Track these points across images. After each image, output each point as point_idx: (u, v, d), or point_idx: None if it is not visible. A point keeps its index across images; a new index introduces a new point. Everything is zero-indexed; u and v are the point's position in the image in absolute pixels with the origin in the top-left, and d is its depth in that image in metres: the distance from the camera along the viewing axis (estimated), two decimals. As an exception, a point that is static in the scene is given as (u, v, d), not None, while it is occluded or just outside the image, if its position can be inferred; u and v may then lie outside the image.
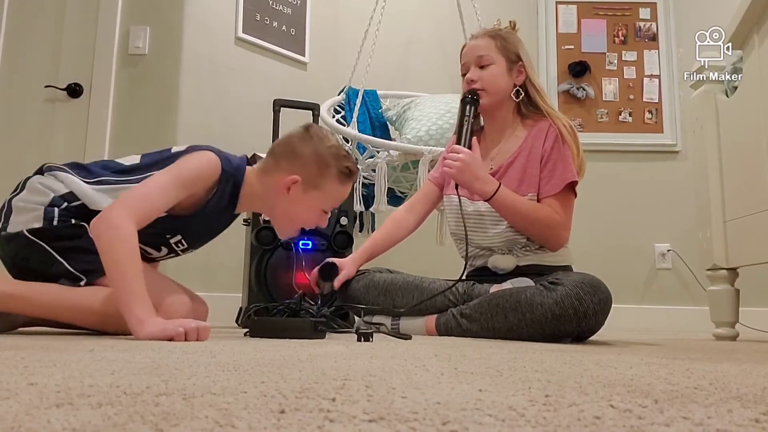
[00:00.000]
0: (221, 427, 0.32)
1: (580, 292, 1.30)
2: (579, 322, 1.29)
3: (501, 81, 1.58)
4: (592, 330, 1.36)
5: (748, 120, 1.77)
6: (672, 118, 3.18)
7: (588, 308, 1.28)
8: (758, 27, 1.73)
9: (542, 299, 1.32)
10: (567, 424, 0.35)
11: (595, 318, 1.30)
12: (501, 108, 1.60)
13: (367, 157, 2.30)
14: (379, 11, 2.52)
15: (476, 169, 1.47)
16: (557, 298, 1.30)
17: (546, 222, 1.46)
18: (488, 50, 1.59)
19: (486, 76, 1.57)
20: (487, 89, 1.57)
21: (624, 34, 3.28)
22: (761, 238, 1.68)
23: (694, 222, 2.07)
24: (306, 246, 2.03)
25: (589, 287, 1.31)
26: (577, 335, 1.37)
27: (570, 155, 1.50)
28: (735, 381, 0.59)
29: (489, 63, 1.58)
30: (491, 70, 1.58)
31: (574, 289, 1.31)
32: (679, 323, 2.96)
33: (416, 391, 0.46)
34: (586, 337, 1.43)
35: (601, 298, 1.31)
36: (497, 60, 1.58)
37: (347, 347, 0.96)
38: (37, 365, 0.59)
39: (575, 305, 1.29)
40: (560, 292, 1.31)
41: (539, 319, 1.31)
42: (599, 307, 1.30)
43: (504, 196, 1.46)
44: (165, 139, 2.58)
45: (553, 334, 1.32)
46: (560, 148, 1.50)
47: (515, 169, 1.54)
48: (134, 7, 2.63)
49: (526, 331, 1.34)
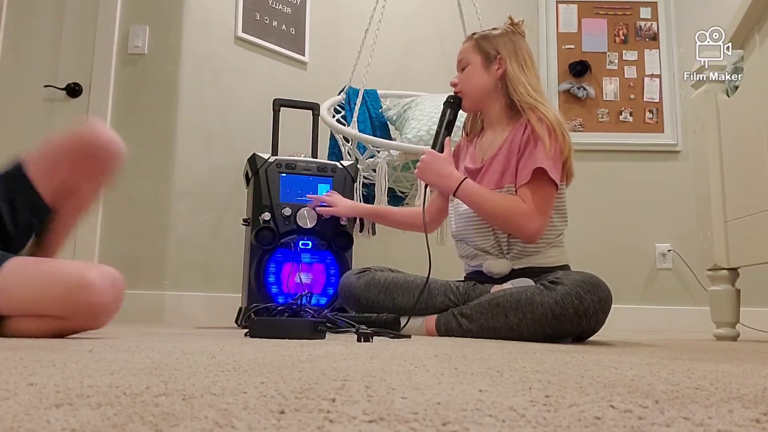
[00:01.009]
0: (221, 427, 0.32)
1: (581, 291, 1.29)
2: (579, 321, 1.29)
3: (476, 79, 1.60)
4: (593, 329, 1.36)
5: (749, 120, 1.77)
6: (673, 117, 3.18)
7: (588, 307, 1.28)
8: (759, 27, 1.72)
9: (542, 299, 1.32)
10: (567, 425, 0.34)
11: (596, 317, 1.30)
12: (487, 104, 1.62)
13: (368, 157, 2.30)
14: (379, 11, 2.52)
15: (438, 167, 1.53)
16: (557, 297, 1.30)
17: (512, 211, 1.44)
18: (466, 52, 1.64)
19: (463, 78, 1.63)
20: (464, 90, 1.62)
21: (625, 34, 3.27)
22: (762, 238, 1.68)
23: (694, 222, 2.07)
24: (306, 246, 2.03)
25: (590, 286, 1.31)
26: (578, 335, 1.37)
27: (542, 145, 1.44)
28: (736, 381, 0.59)
29: (466, 65, 1.63)
30: (467, 71, 1.62)
31: (575, 288, 1.30)
32: (679, 323, 2.96)
33: (416, 391, 0.46)
34: (587, 336, 1.43)
35: (602, 297, 1.31)
36: (473, 59, 1.62)
37: (347, 347, 0.96)
38: (36, 365, 0.59)
39: (576, 304, 1.28)
40: (560, 292, 1.31)
41: (539, 318, 1.31)
42: (600, 306, 1.30)
43: (467, 189, 1.49)
44: (164, 138, 2.59)
45: (554, 333, 1.32)
46: (534, 141, 1.47)
47: (498, 161, 1.55)
48: (134, 6, 2.63)
49: (527, 330, 1.34)
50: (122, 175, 2.54)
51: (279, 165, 2.07)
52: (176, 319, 2.46)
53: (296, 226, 2.00)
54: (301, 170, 2.09)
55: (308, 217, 2.01)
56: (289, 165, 2.08)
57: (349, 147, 2.36)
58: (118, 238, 2.47)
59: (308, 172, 2.09)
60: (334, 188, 2.10)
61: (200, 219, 2.61)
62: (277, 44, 2.90)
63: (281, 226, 2.00)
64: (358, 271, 1.65)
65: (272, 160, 2.07)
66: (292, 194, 2.05)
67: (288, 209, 2.00)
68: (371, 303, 1.56)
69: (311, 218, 2.01)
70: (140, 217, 2.52)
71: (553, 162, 1.44)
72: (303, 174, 2.09)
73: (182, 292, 2.52)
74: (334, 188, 2.10)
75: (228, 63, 2.75)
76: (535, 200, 1.43)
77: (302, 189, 2.07)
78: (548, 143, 1.44)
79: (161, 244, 2.52)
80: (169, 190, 2.56)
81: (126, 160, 1.42)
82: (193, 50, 2.67)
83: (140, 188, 2.54)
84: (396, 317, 1.46)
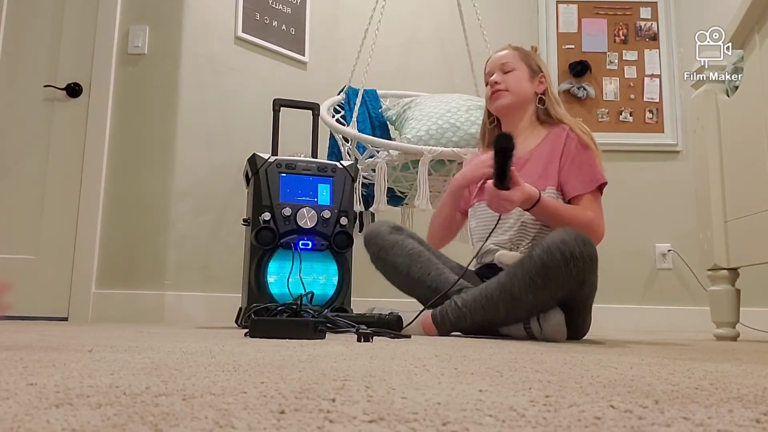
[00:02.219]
0: (221, 427, 0.32)
1: (564, 237, 1.35)
2: (567, 264, 1.32)
3: (523, 84, 1.70)
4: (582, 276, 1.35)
5: (749, 120, 1.77)
6: (673, 117, 3.18)
7: (574, 249, 1.32)
8: (759, 27, 1.72)
9: (530, 252, 1.39)
10: (567, 425, 0.34)
11: (582, 260, 1.33)
12: (520, 110, 1.71)
13: (367, 157, 2.30)
14: (378, 11, 2.52)
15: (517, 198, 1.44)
16: (543, 246, 1.36)
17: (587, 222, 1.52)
18: (511, 58, 1.73)
19: (509, 78, 1.71)
20: (510, 89, 1.69)
21: (625, 34, 3.27)
22: (762, 238, 1.68)
23: (694, 222, 2.07)
24: (306, 246, 2.03)
25: (572, 233, 1.36)
26: (571, 290, 1.37)
27: (595, 157, 1.60)
28: (736, 381, 0.59)
29: (512, 69, 1.71)
30: (514, 74, 1.71)
31: (558, 236, 1.36)
32: (679, 323, 2.96)
33: (416, 391, 0.46)
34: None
35: (586, 241, 1.35)
36: (519, 67, 1.72)
37: (347, 347, 0.96)
38: (36, 365, 0.59)
39: (561, 248, 1.33)
40: (546, 241, 1.37)
41: (528, 270, 1.36)
42: (585, 249, 1.33)
43: (545, 204, 1.49)
44: (164, 138, 2.59)
45: (545, 285, 1.35)
46: (585, 150, 1.59)
47: (533, 164, 1.62)
48: (134, 6, 2.63)
49: (518, 287, 1.37)
50: (122, 175, 2.56)
51: (279, 165, 2.07)
52: (176, 319, 2.46)
53: (296, 226, 2.00)
54: (301, 170, 2.09)
55: (308, 217, 2.01)
56: (289, 165, 2.08)
57: (348, 147, 2.36)
58: (118, 238, 2.48)
59: (308, 172, 2.09)
60: (333, 188, 2.10)
61: (200, 219, 2.61)
62: (277, 44, 2.90)
63: (281, 226, 1.99)
64: (392, 226, 1.66)
65: (272, 160, 2.07)
66: (292, 194, 2.05)
67: (288, 209, 2.00)
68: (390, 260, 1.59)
69: (311, 218, 2.01)
70: (140, 217, 2.52)
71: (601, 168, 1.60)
72: (303, 174, 2.09)
73: (182, 292, 2.52)
74: (333, 188, 2.10)
75: (228, 63, 2.75)
76: (597, 208, 1.57)
77: (302, 189, 2.07)
78: (598, 156, 1.60)
79: (161, 244, 2.52)
80: (169, 190, 2.56)
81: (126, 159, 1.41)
82: (193, 50, 2.67)
83: (140, 188, 2.54)
84: (398, 317, 1.46)
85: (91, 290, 2.41)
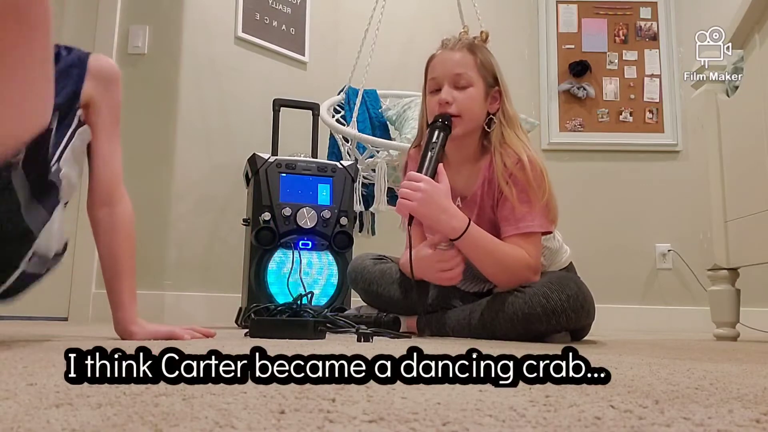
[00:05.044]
0: (221, 427, 0.32)
1: (547, 291, 1.27)
2: (549, 319, 1.26)
3: (477, 107, 1.39)
4: (567, 327, 1.32)
5: (749, 120, 1.77)
6: (673, 117, 3.18)
7: (556, 305, 1.25)
8: (759, 27, 1.72)
9: (513, 299, 1.31)
10: (567, 425, 0.34)
11: (566, 315, 1.26)
12: (471, 136, 1.42)
13: (367, 157, 2.30)
14: (378, 11, 2.52)
15: (441, 200, 1.29)
16: (526, 298, 1.29)
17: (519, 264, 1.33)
18: (467, 68, 1.39)
19: (463, 100, 1.37)
20: (464, 116, 1.38)
21: (625, 34, 3.27)
22: (762, 238, 1.68)
23: (694, 222, 2.07)
24: (306, 246, 2.03)
25: (557, 285, 1.28)
26: (557, 332, 1.34)
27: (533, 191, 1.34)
28: (736, 381, 0.59)
29: (468, 84, 1.38)
30: (470, 93, 1.38)
31: (542, 288, 1.28)
32: (679, 323, 2.96)
33: (416, 391, 0.46)
34: (580, 337, 1.43)
35: (570, 295, 1.26)
36: (476, 82, 1.39)
37: (347, 347, 0.96)
38: (36, 366, 0.59)
39: (543, 303, 1.26)
40: (529, 292, 1.30)
41: (511, 317, 1.30)
42: (568, 304, 1.26)
43: (475, 234, 1.31)
44: (164, 138, 2.59)
45: (526, 332, 1.30)
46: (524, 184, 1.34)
47: (472, 201, 1.42)
48: (134, 6, 2.63)
49: (500, 328, 1.32)
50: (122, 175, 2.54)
51: (279, 165, 2.07)
52: (176, 318, 2.46)
53: (296, 226, 2.00)
54: (301, 170, 2.09)
55: (308, 217, 2.01)
56: (289, 165, 2.08)
57: (348, 147, 2.36)
58: (118, 238, 2.47)
59: (308, 172, 2.10)
60: (333, 188, 2.10)
61: (200, 219, 2.61)
62: (277, 44, 2.90)
63: (281, 226, 2.00)
64: (374, 257, 1.60)
65: (272, 160, 2.07)
66: (292, 194, 2.05)
67: (288, 209, 2.00)
68: (384, 292, 1.52)
69: (311, 218, 2.01)
70: (140, 217, 2.50)
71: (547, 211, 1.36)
72: (303, 174, 2.09)
73: (182, 292, 2.52)
74: (333, 188, 2.10)
75: (228, 63, 2.75)
76: (535, 253, 1.35)
77: (302, 189, 2.07)
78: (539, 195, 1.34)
79: (161, 244, 2.52)
80: (169, 190, 2.56)
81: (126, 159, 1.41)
82: (193, 50, 2.67)
83: (140, 188, 2.53)
84: (396, 317, 1.46)
85: (91, 290, 2.41)
